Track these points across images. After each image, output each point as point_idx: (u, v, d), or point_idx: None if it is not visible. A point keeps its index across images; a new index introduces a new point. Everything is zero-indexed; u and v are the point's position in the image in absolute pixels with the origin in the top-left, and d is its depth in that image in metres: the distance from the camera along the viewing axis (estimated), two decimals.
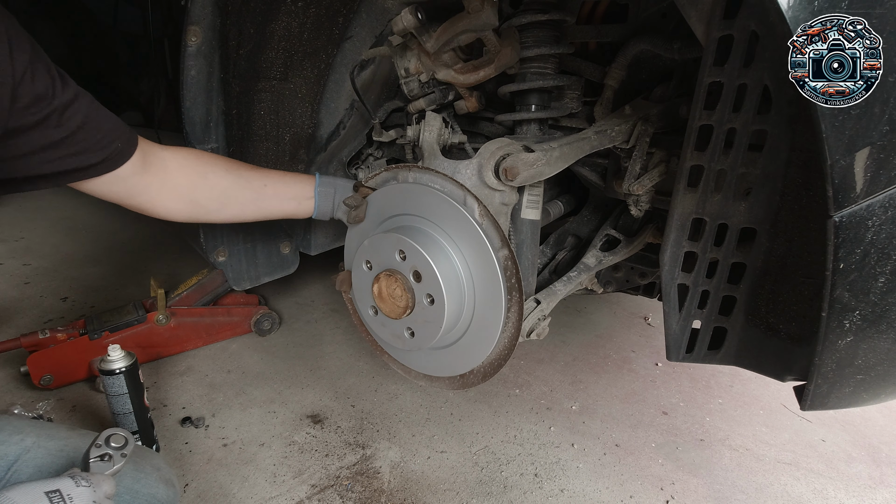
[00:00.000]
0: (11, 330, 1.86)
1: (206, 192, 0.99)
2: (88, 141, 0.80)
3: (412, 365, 1.17)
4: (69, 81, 0.78)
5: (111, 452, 0.75)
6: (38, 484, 0.63)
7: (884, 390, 0.79)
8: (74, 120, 0.77)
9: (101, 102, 0.82)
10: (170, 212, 0.97)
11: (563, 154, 0.96)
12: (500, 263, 0.91)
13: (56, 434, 0.84)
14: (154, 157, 0.92)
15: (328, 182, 1.10)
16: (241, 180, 1.02)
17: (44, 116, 0.73)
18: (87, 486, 0.65)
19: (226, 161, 1.03)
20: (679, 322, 0.90)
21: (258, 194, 1.04)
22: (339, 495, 1.27)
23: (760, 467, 1.46)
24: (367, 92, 1.34)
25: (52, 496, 0.62)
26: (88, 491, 0.65)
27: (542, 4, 1.01)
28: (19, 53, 0.69)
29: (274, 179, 1.07)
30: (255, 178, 1.04)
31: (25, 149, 0.73)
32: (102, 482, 0.68)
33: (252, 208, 1.05)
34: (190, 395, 1.59)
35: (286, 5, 1.11)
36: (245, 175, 1.03)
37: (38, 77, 0.72)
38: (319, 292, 2.31)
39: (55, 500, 0.62)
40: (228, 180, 1.01)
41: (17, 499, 0.60)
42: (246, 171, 1.04)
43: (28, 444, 0.80)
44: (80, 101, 0.78)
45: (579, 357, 1.92)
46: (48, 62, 0.75)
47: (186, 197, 0.97)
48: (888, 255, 0.65)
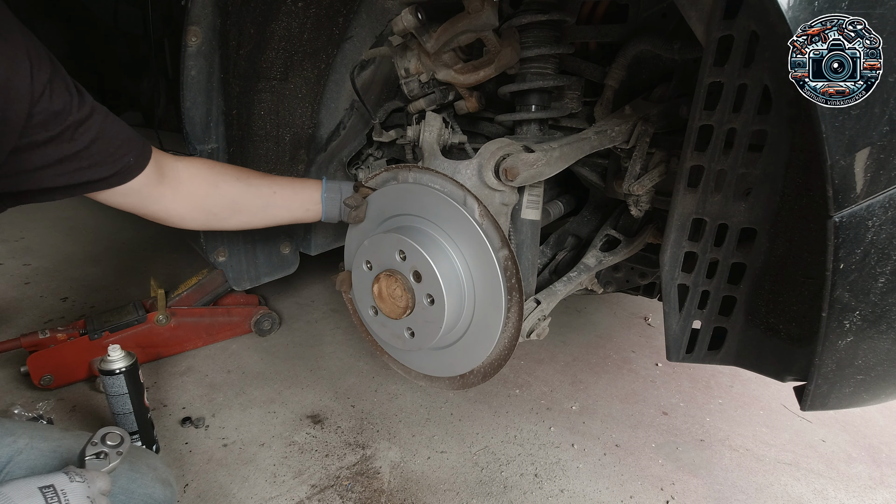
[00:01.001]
0: (11, 330, 1.86)
1: (218, 201, 1.02)
2: (100, 155, 0.81)
3: (412, 365, 1.17)
4: (86, 97, 0.79)
5: (107, 450, 0.76)
6: (32, 479, 0.63)
7: (884, 391, 0.79)
8: (88, 135, 0.78)
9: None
10: (184, 220, 1.00)
11: (563, 154, 0.96)
12: (500, 264, 0.91)
13: (49, 436, 0.84)
14: (167, 168, 0.95)
15: (334, 187, 1.12)
16: (251, 188, 1.05)
17: (58, 133, 0.74)
18: (82, 481, 0.65)
19: (236, 170, 1.06)
20: (679, 322, 0.90)
21: (267, 201, 1.06)
22: (339, 495, 1.27)
23: (760, 467, 1.46)
24: (367, 92, 1.34)
25: (46, 492, 0.62)
26: (83, 486, 0.65)
27: (542, 4, 1.01)
28: (39, 73, 0.71)
29: (282, 186, 1.09)
30: (264, 185, 1.06)
31: (39, 163, 0.75)
32: (97, 478, 0.68)
33: (262, 215, 1.08)
34: (190, 395, 1.59)
35: (286, 5, 1.11)
36: (255, 183, 1.06)
37: (56, 95, 0.73)
38: (319, 292, 2.31)
39: (49, 495, 0.62)
40: (239, 189, 1.03)
41: (10, 494, 0.60)
42: (255, 179, 1.06)
43: (20, 445, 0.80)
44: (95, 116, 0.79)
45: (579, 357, 1.92)
46: (66, 78, 0.76)
47: (199, 206, 1.00)
48: (888, 256, 0.65)
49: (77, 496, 0.64)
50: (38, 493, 0.61)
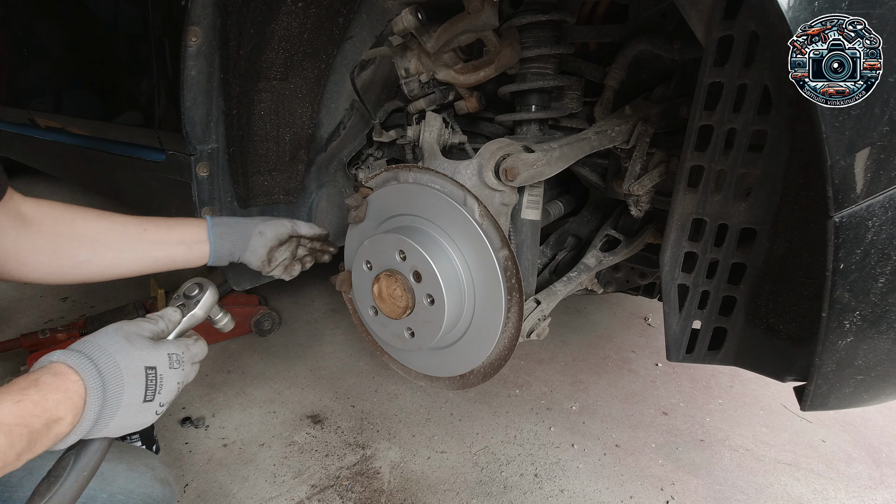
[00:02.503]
0: (11, 330, 1.86)
1: (74, 241, 0.87)
2: None
3: (412, 365, 1.17)
4: None
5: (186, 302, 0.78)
6: (143, 352, 0.65)
7: (884, 391, 0.79)
8: None
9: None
10: (28, 269, 0.84)
11: (563, 154, 0.96)
12: (500, 264, 0.91)
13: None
14: (13, 204, 0.82)
15: (225, 222, 0.99)
16: (115, 225, 0.91)
17: None
18: (178, 367, 0.68)
19: (99, 210, 0.93)
20: (679, 322, 0.90)
21: (137, 239, 0.92)
22: (339, 495, 1.27)
23: (760, 468, 1.46)
24: (368, 92, 1.34)
25: (150, 373, 0.64)
26: (178, 373, 0.68)
27: (542, 5, 1.00)
28: None
29: (156, 223, 0.95)
30: (132, 222, 0.93)
31: None
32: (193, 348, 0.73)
33: (131, 256, 0.92)
34: (190, 395, 1.59)
35: (286, 5, 1.11)
36: (120, 220, 0.92)
37: None
38: (319, 292, 2.31)
39: (150, 378, 0.64)
40: (100, 225, 0.90)
41: (122, 365, 0.62)
42: (122, 217, 0.93)
43: None
44: None
45: (579, 357, 1.92)
46: None
47: (48, 248, 0.85)
48: (888, 256, 0.65)
49: (170, 384, 0.66)
50: (142, 373, 0.63)
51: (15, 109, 1.82)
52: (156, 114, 1.26)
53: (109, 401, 0.60)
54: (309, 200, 1.48)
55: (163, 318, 0.73)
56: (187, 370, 0.70)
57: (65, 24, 1.54)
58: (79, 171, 1.84)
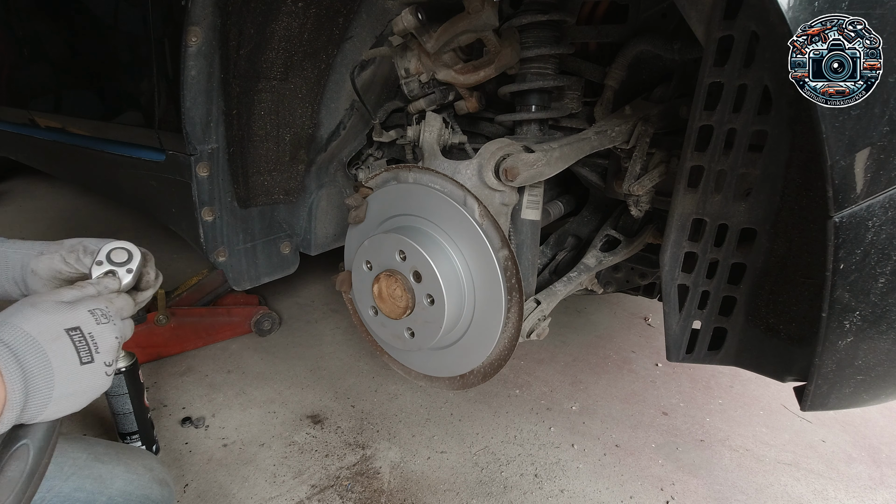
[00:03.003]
0: None
1: None
2: None
3: (412, 365, 1.17)
4: None
5: (115, 269, 0.67)
6: (55, 315, 0.56)
7: (884, 391, 0.79)
8: None
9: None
10: None
11: (563, 154, 0.96)
12: (500, 264, 0.91)
13: None
14: None
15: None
16: None
17: None
18: (107, 322, 0.59)
19: None
20: (679, 322, 0.90)
21: None
22: (339, 496, 1.27)
23: (760, 468, 1.46)
24: (368, 92, 1.34)
25: (74, 335, 0.56)
26: (110, 327, 0.59)
27: (542, 5, 1.01)
28: None
29: None
30: None
31: None
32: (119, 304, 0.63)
33: None
34: (190, 395, 1.59)
35: (286, 5, 1.11)
36: None
37: None
38: (319, 292, 2.31)
39: (77, 339, 0.56)
40: None
41: (35, 334, 0.54)
42: None
43: None
44: None
45: (579, 357, 1.92)
46: None
47: None
48: (888, 256, 0.65)
49: (106, 340, 0.58)
50: (64, 336, 0.55)
51: (15, 109, 1.82)
52: (156, 114, 1.26)
53: (34, 371, 0.53)
54: (309, 200, 1.49)
55: (93, 284, 0.65)
56: (119, 324, 0.62)
57: (65, 24, 1.54)
58: (79, 171, 1.84)
